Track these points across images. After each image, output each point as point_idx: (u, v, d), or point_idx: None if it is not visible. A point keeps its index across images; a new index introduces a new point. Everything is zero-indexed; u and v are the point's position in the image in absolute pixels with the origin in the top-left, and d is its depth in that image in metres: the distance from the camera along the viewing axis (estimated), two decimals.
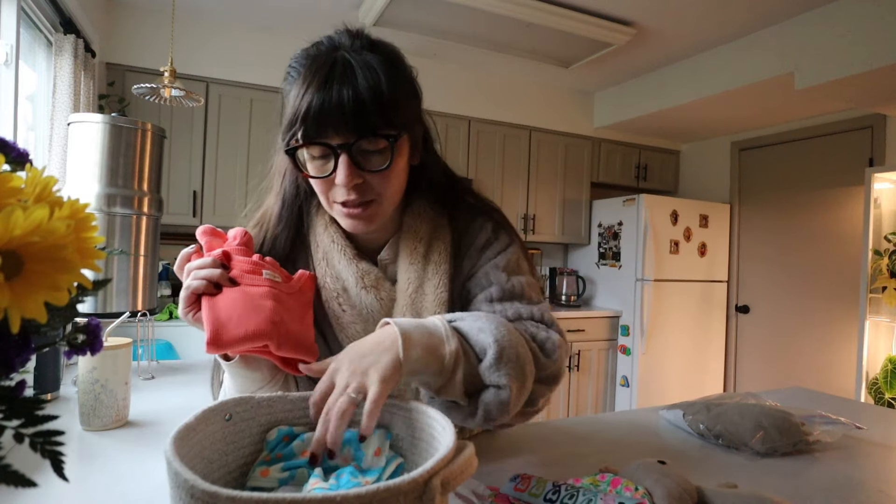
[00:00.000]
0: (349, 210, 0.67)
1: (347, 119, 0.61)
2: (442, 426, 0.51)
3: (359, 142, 0.63)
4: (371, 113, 0.62)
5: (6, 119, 1.63)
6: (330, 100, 0.61)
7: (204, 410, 0.51)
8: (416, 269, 0.73)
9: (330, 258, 0.74)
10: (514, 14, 2.53)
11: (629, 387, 3.48)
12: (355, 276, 0.72)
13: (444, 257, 0.74)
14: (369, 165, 0.65)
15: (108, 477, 0.77)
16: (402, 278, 0.73)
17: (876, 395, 2.59)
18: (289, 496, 0.35)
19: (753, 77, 2.80)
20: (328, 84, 0.61)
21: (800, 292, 3.41)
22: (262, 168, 0.80)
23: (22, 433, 0.31)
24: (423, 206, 0.77)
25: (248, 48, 2.96)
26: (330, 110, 0.61)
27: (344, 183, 0.64)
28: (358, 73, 0.62)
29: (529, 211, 3.66)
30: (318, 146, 0.64)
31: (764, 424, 0.89)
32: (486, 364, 0.59)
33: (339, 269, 0.73)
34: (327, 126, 0.62)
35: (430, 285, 0.72)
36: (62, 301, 0.30)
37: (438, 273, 0.73)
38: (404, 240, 0.75)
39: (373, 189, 0.67)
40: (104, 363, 0.96)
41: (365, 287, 0.72)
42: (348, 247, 0.74)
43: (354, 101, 0.61)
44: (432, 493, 0.38)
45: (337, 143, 0.63)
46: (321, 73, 0.62)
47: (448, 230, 0.76)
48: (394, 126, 0.64)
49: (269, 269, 0.64)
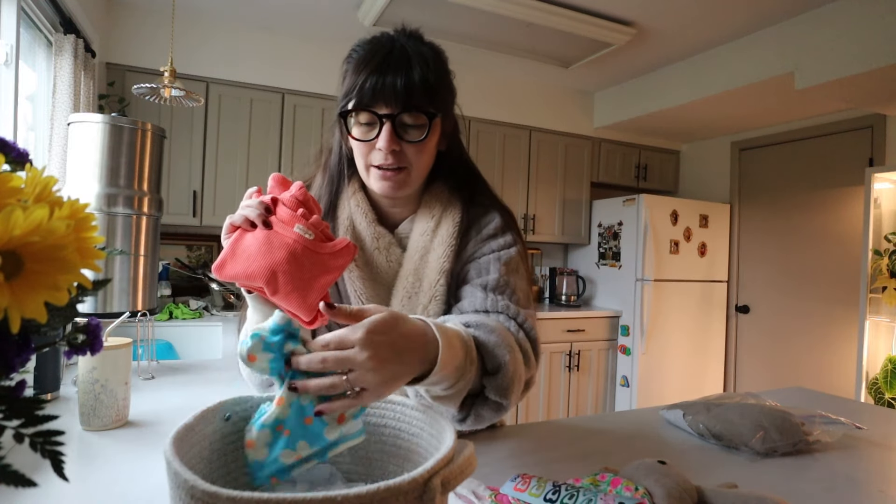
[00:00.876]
0: (384, 172, 0.77)
1: (397, 94, 0.72)
2: (442, 426, 0.51)
3: (401, 115, 0.74)
4: (417, 92, 0.73)
5: (6, 119, 1.63)
6: (384, 76, 0.72)
7: (203, 410, 0.51)
8: (425, 240, 0.82)
9: (354, 219, 0.84)
10: (514, 14, 2.53)
11: (629, 387, 3.48)
12: (371, 237, 0.83)
13: (450, 232, 0.82)
14: (407, 136, 0.76)
15: (108, 477, 0.77)
16: (411, 247, 0.83)
17: (876, 395, 2.59)
18: (289, 496, 0.35)
19: (753, 77, 2.80)
20: (385, 63, 0.73)
21: (800, 292, 3.41)
22: (262, 169, 0.86)
23: (22, 433, 0.31)
24: (441, 188, 0.86)
25: (248, 48, 2.96)
26: (384, 85, 0.72)
27: (385, 147, 0.74)
28: (412, 58, 0.74)
29: (529, 211, 3.66)
30: (368, 113, 0.74)
31: (764, 424, 0.89)
32: (497, 383, 0.64)
33: (360, 229, 0.83)
34: (379, 98, 0.73)
35: (434, 255, 0.81)
36: (62, 301, 0.30)
37: (443, 245, 0.82)
38: (419, 215, 0.85)
39: (406, 158, 0.77)
40: (104, 363, 0.96)
41: (378, 248, 0.83)
42: (370, 212, 0.84)
43: (406, 80, 0.72)
44: (432, 492, 0.38)
45: (383, 112, 0.74)
46: (380, 54, 0.74)
47: (459, 211, 0.84)
48: (433, 106, 0.76)
49: (304, 224, 0.64)
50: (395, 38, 0.78)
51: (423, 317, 0.59)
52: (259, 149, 2.94)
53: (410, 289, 0.80)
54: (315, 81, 3.06)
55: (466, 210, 0.85)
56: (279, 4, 2.73)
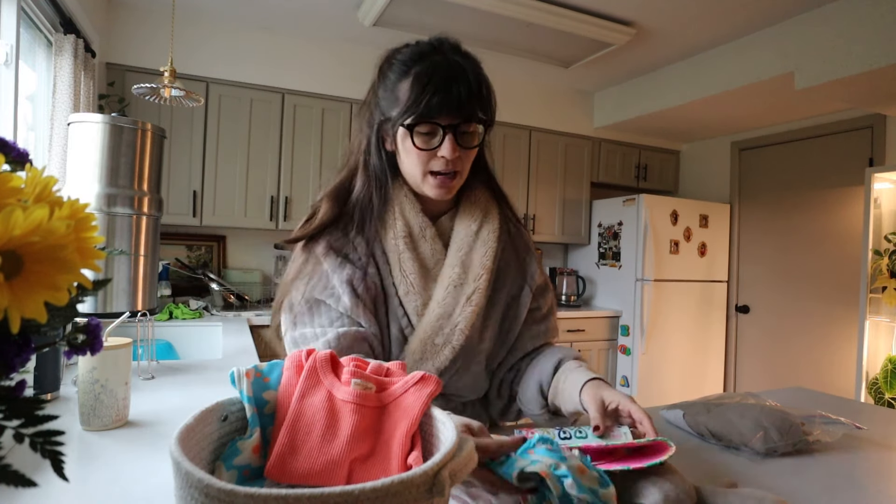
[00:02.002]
0: (443, 179, 0.85)
1: (461, 106, 0.80)
2: (441, 422, 0.51)
3: (461, 125, 0.82)
4: (475, 104, 0.82)
5: (6, 119, 1.63)
6: (448, 91, 0.79)
7: (202, 411, 0.51)
8: (469, 239, 0.91)
9: (403, 209, 0.91)
10: (514, 14, 2.53)
11: (629, 387, 3.48)
12: (419, 226, 0.90)
13: (492, 237, 0.92)
14: (465, 143, 0.84)
15: (108, 477, 0.77)
16: (456, 242, 0.92)
17: (876, 395, 2.59)
18: (307, 491, 0.35)
19: (753, 77, 2.80)
20: (447, 78, 0.80)
21: (800, 292, 3.41)
22: (262, 169, 0.86)
23: (22, 433, 0.31)
24: (479, 194, 0.96)
25: (248, 48, 2.96)
26: (448, 99, 0.79)
27: (449, 155, 0.82)
28: (468, 72, 0.82)
29: (529, 211, 3.66)
30: (431, 124, 0.81)
31: (764, 424, 0.89)
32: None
33: (409, 217, 0.91)
34: (443, 111, 0.80)
35: (478, 254, 0.91)
36: (62, 301, 0.30)
37: (485, 246, 0.92)
38: (461, 216, 0.94)
39: (461, 163, 0.85)
40: (104, 363, 0.96)
41: (424, 237, 0.91)
42: (417, 203, 0.91)
43: (467, 94, 0.80)
44: (442, 484, 0.40)
45: (446, 123, 0.81)
46: (441, 70, 0.81)
47: (497, 219, 0.95)
48: (486, 115, 0.85)
49: (360, 378, 0.54)
50: (445, 52, 0.85)
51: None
52: (259, 149, 2.94)
53: (457, 279, 0.89)
54: (315, 81, 3.06)
55: (504, 219, 0.97)
56: (279, 4, 2.73)
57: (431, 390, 0.53)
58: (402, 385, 0.54)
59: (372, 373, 0.55)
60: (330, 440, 0.50)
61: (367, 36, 3.00)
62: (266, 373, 0.56)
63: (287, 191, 3.00)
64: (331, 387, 0.54)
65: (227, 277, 3.06)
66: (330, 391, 0.54)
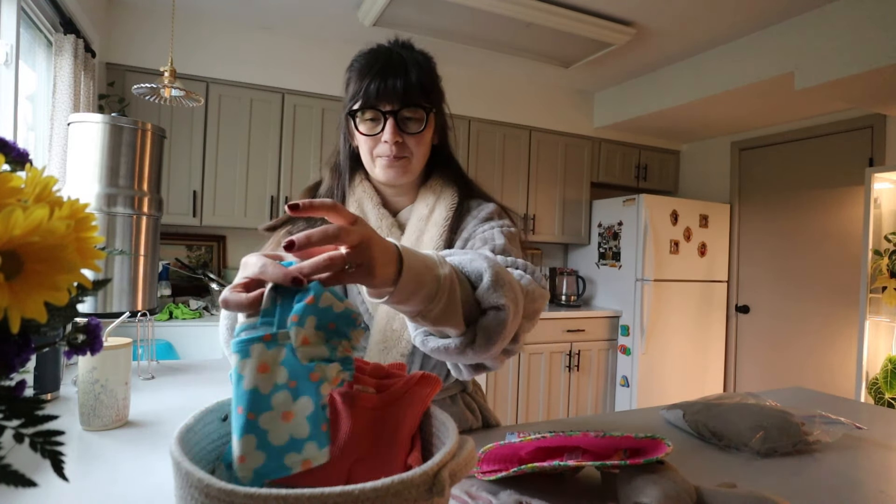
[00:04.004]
0: (389, 160, 0.87)
1: (398, 93, 0.83)
2: (441, 422, 0.51)
3: (402, 110, 0.85)
4: (414, 90, 0.84)
5: (6, 119, 1.63)
6: (386, 79, 0.83)
7: (202, 411, 0.51)
8: (421, 224, 0.92)
9: (362, 202, 0.94)
10: (514, 14, 2.53)
11: (629, 387, 3.48)
12: (376, 219, 0.92)
13: (444, 216, 0.92)
14: (408, 129, 0.86)
15: (108, 477, 0.77)
16: (408, 230, 0.92)
17: (876, 395, 2.59)
18: (307, 491, 0.35)
19: (753, 77, 2.80)
20: (386, 68, 0.84)
21: (800, 292, 3.41)
22: (262, 169, 0.86)
23: (22, 433, 0.31)
24: (437, 180, 0.96)
25: (248, 48, 2.96)
26: (385, 86, 0.83)
27: (389, 138, 0.85)
28: (408, 64, 0.86)
29: (529, 211, 3.66)
30: (373, 111, 0.85)
31: (764, 424, 0.89)
32: (484, 287, 0.62)
33: (367, 210, 0.93)
34: (382, 97, 0.83)
35: (429, 236, 0.90)
36: (62, 301, 0.30)
37: (437, 227, 0.91)
38: (417, 203, 0.95)
39: (408, 148, 0.88)
40: (104, 363, 0.96)
41: (381, 228, 0.91)
42: (376, 196, 0.94)
43: (404, 82, 0.83)
44: (442, 484, 0.40)
45: (386, 109, 0.84)
46: (381, 61, 0.85)
47: (451, 197, 0.94)
48: (428, 102, 0.87)
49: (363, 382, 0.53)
50: (391, 48, 0.89)
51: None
52: (259, 149, 2.94)
53: None
54: (315, 81, 3.07)
55: (461, 198, 0.95)
56: (279, 4, 2.73)
57: (431, 390, 0.53)
58: (402, 385, 0.54)
59: (371, 374, 0.55)
60: (329, 441, 0.50)
61: (367, 36, 2.98)
62: None
63: (287, 191, 3.00)
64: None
65: (227, 277, 3.06)
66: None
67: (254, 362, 0.44)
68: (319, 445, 0.45)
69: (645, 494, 0.61)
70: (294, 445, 0.44)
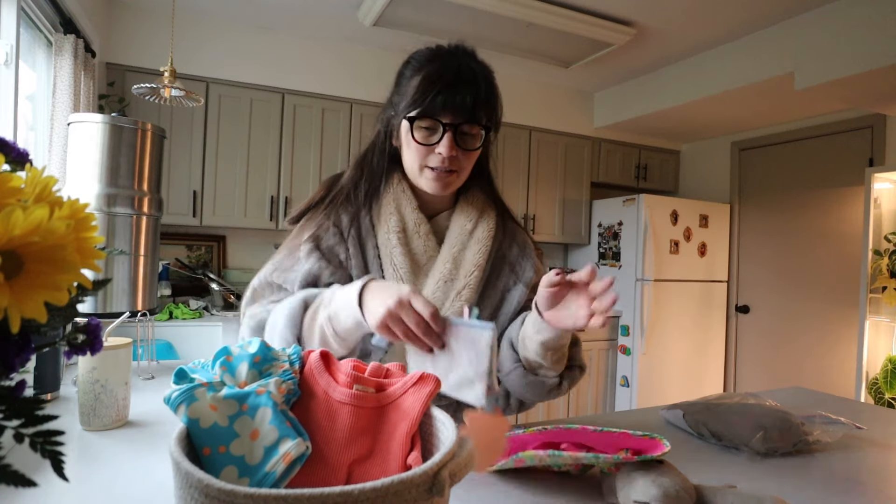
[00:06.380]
0: (438, 174, 0.87)
1: (465, 108, 0.83)
2: (441, 422, 0.51)
3: (462, 125, 0.84)
4: (480, 107, 0.84)
5: (6, 119, 1.63)
6: (455, 93, 0.82)
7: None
8: (463, 237, 0.93)
9: (400, 204, 0.92)
10: (514, 14, 2.53)
11: (629, 387, 3.48)
12: (414, 222, 0.92)
13: (487, 235, 0.94)
14: (464, 144, 0.86)
15: (108, 477, 0.77)
16: (450, 239, 0.93)
17: (876, 395, 2.59)
18: (307, 491, 0.35)
19: (753, 77, 2.80)
20: (457, 80, 0.83)
21: (800, 292, 3.41)
22: (262, 169, 0.88)
23: (22, 433, 0.31)
24: (477, 195, 0.98)
25: (248, 48, 2.96)
26: (454, 101, 0.82)
27: (445, 152, 0.84)
28: (478, 78, 0.86)
29: (529, 211, 3.66)
30: (432, 120, 0.84)
31: (764, 424, 0.89)
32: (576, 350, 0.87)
33: (405, 213, 0.92)
34: (448, 109, 0.82)
35: (471, 252, 0.92)
36: (62, 301, 0.30)
37: (479, 244, 0.93)
38: (457, 214, 0.96)
39: (458, 163, 0.87)
40: (104, 363, 0.96)
41: (418, 233, 0.92)
42: (414, 199, 0.93)
43: (473, 97, 0.83)
44: (441, 484, 0.40)
45: (447, 121, 0.83)
46: (451, 71, 0.84)
47: (493, 219, 0.97)
48: (490, 121, 0.88)
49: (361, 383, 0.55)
50: (459, 56, 0.88)
51: None
52: (259, 149, 2.94)
53: (448, 275, 0.89)
54: (315, 81, 3.06)
55: (501, 219, 0.99)
56: (279, 4, 2.73)
57: (430, 390, 0.53)
58: (401, 385, 0.54)
59: (371, 374, 0.55)
60: (328, 441, 0.50)
61: (367, 36, 3.00)
62: None
63: (287, 191, 3.00)
64: (327, 387, 0.53)
65: (227, 277, 3.06)
66: (326, 392, 0.53)
67: (203, 403, 0.47)
68: (291, 437, 0.47)
69: (645, 493, 0.62)
70: (270, 453, 0.47)
